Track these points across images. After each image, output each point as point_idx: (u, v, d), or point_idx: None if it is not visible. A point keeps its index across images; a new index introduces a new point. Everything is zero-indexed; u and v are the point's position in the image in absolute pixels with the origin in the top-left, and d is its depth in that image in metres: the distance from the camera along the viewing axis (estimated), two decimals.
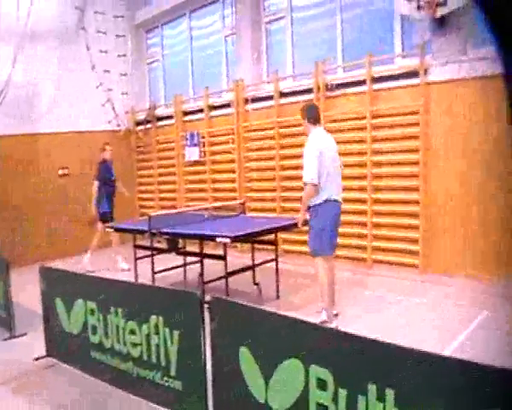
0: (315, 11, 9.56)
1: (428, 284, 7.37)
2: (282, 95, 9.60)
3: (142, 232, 7.23)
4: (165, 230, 6.82)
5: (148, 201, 12.75)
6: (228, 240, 5.94)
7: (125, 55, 12.46)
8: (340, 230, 8.74)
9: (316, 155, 5.82)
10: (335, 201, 6.02)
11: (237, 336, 3.57)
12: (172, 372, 4.12)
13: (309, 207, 5.98)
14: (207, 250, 7.59)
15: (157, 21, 12.62)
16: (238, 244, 9.33)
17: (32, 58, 10.68)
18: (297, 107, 9.15)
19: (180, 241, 7.76)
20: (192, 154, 11.26)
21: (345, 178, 8.68)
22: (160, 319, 4.16)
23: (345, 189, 8.67)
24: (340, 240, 8.80)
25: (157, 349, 4.25)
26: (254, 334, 3.45)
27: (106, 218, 9.36)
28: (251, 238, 7.00)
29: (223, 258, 6.39)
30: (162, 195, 12.36)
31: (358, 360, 2.82)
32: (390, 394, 2.62)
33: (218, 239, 6.02)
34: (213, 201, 10.52)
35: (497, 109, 6.91)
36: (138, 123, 12.78)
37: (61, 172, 11.58)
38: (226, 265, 6.40)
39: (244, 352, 3.48)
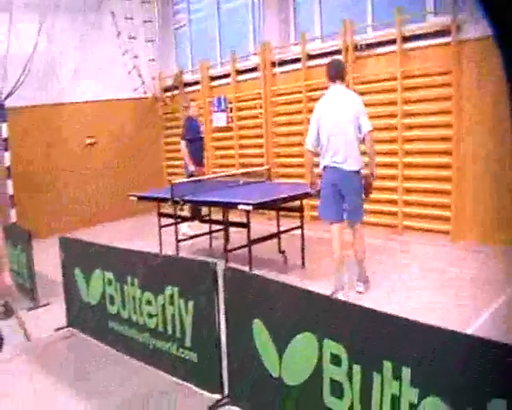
0: None
1: (459, 252, 7.09)
2: (310, 57, 9.28)
3: (165, 200, 7.12)
4: (187, 198, 6.69)
5: (176, 168, 12.62)
6: (250, 207, 5.77)
7: (151, 21, 12.22)
8: (371, 195, 8.58)
9: (315, 119, 5.57)
10: (335, 168, 5.49)
11: (251, 307, 3.43)
12: (187, 344, 4.03)
13: None
14: (234, 218, 7.47)
15: None
16: (266, 211, 9.15)
17: (55, 27, 10.59)
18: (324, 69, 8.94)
19: (204, 209, 7.65)
20: (219, 119, 11.06)
21: (375, 141, 8.46)
22: (175, 289, 4.06)
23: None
24: (369, 206, 8.64)
25: (172, 320, 4.16)
26: (268, 306, 3.31)
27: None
28: (275, 205, 6.81)
29: (246, 226, 6.22)
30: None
31: (373, 335, 2.65)
32: (406, 372, 2.44)
33: (240, 206, 5.86)
34: (240, 167, 10.34)
35: None
36: (166, 89, 12.60)
37: (88, 141, 11.54)
38: (249, 233, 6.23)
39: (258, 324, 3.35)
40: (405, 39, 7.88)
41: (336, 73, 5.59)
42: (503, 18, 1.29)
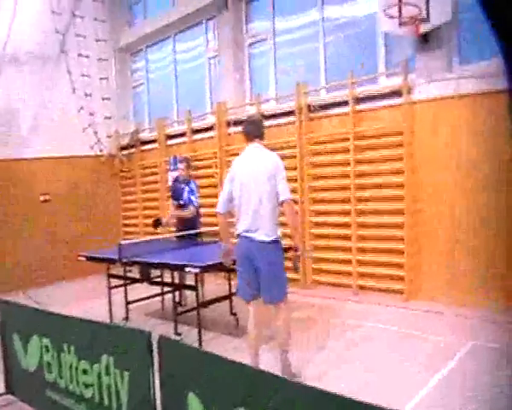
0: (298, 34, 9.36)
1: (412, 312, 7.02)
2: (265, 117, 9.32)
3: (112, 261, 6.91)
4: (134, 258, 6.49)
5: (132, 226, 12.45)
6: (197, 270, 5.60)
7: (107, 79, 12.25)
8: (325, 255, 8.57)
9: (228, 179, 5.04)
10: (246, 237, 4.87)
11: (186, 380, 3.25)
12: None
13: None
14: (189, 278, 7.26)
15: (141, 44, 12.44)
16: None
17: (12, 82, 10.50)
18: (279, 130, 9.02)
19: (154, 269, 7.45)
20: None
21: (329, 201, 8.53)
22: (111, 359, 3.85)
23: (327, 213, 8.51)
24: (324, 265, 8.63)
25: (108, 391, 3.93)
26: (202, 380, 3.12)
27: None
28: (225, 267, 6.64)
29: (194, 288, 6.05)
30: (146, 220, 12.04)
31: None
32: None
33: (187, 269, 5.69)
34: None
35: (483, 126, 6.68)
36: (122, 147, 12.53)
37: (42, 198, 11.30)
38: (197, 295, 6.05)
39: (192, 399, 3.16)
40: (358, 101, 8.01)
41: (252, 131, 5.02)
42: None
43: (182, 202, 8.15)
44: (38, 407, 4.85)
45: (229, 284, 7.08)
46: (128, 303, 7.44)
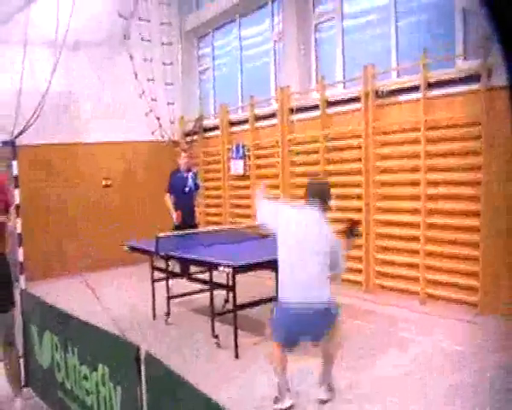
0: (367, 17, 8.57)
1: (484, 330, 6.11)
2: (330, 104, 8.60)
3: (150, 253, 6.48)
4: (170, 253, 6.02)
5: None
6: (229, 270, 5.03)
7: (171, 64, 11.90)
8: (390, 257, 7.78)
9: (274, 214, 4.67)
10: (290, 304, 4.24)
11: (169, 407, 2.70)
12: None
13: None
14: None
15: (207, 28, 11.97)
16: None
17: (73, 66, 10.36)
18: (344, 118, 8.28)
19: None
20: (237, 167, 10.49)
21: (396, 198, 7.71)
22: (106, 369, 3.38)
23: (394, 210, 7.71)
24: (389, 269, 7.83)
25: (104, 403, 3.46)
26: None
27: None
28: (267, 266, 5.91)
29: (231, 288, 5.48)
30: (208, 210, 11.66)
31: None
32: None
33: (221, 268, 5.14)
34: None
35: None
36: (186, 134, 12.16)
37: (104, 182, 11.17)
38: (235, 297, 5.46)
39: None
40: (431, 86, 7.13)
41: (317, 193, 4.60)
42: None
43: (187, 190, 8.50)
44: (50, 405, 4.56)
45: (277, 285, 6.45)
46: (170, 298, 7.00)
